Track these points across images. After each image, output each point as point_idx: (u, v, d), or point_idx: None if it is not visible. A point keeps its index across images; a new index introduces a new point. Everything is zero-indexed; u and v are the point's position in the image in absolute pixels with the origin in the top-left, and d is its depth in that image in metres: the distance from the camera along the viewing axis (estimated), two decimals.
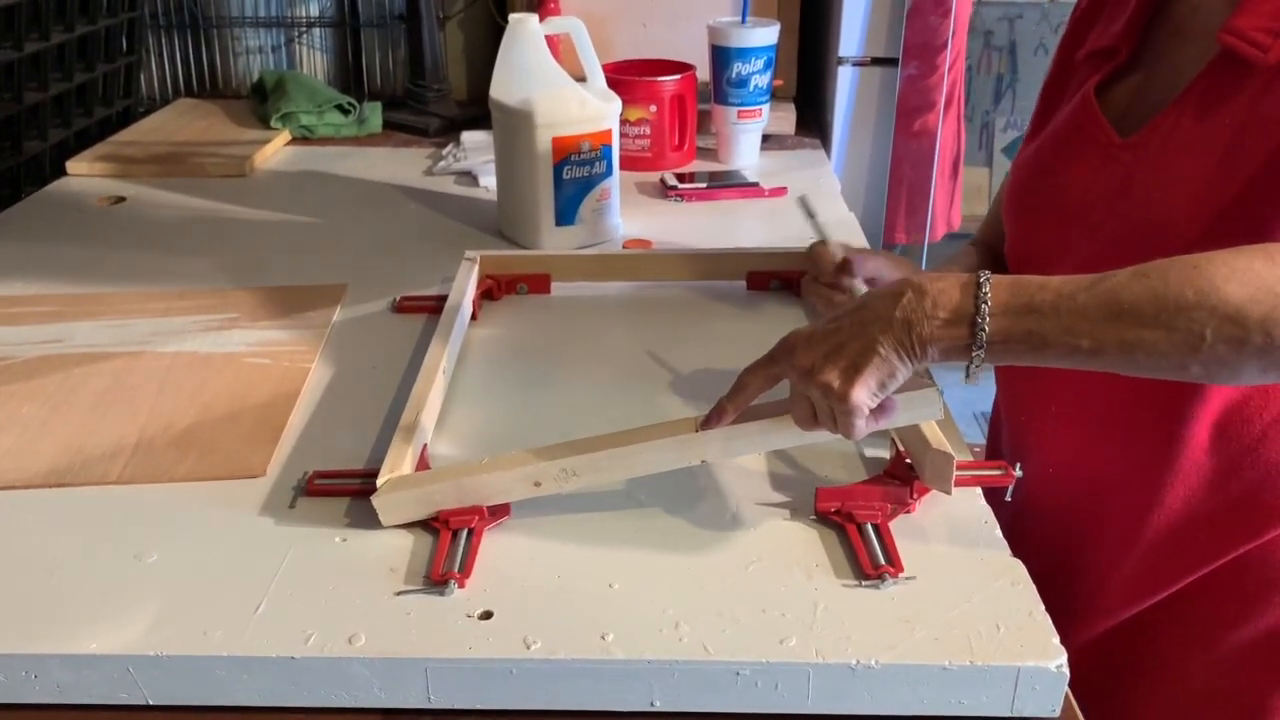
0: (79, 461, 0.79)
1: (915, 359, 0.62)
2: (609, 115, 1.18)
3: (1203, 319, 0.57)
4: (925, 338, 0.62)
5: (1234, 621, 0.79)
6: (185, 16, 1.82)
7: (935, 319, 0.61)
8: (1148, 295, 0.58)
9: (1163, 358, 0.59)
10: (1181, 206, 0.72)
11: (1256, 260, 0.58)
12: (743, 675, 0.60)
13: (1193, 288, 0.57)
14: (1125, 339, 0.59)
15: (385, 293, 1.08)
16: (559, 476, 0.70)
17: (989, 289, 0.61)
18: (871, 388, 0.63)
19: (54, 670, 0.61)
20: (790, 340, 0.66)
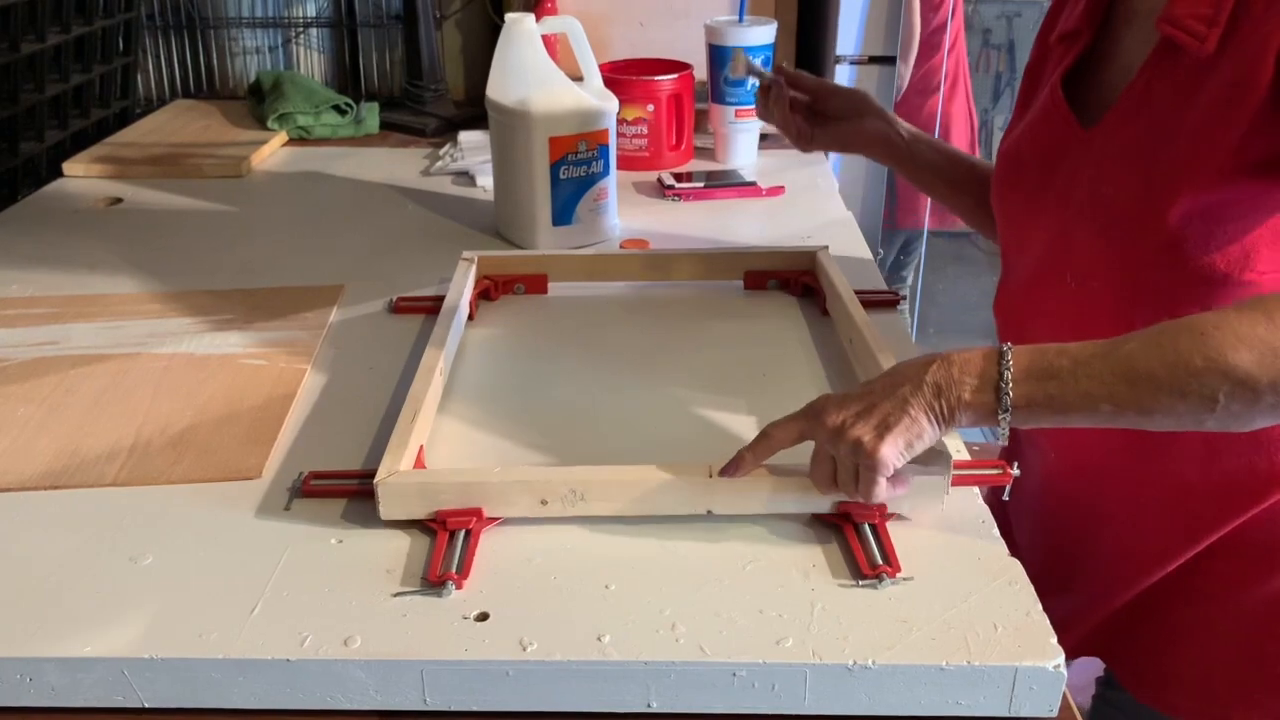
0: (75, 463, 0.79)
1: (944, 423, 0.66)
2: (606, 115, 1.18)
3: (1214, 384, 0.61)
4: (954, 403, 0.65)
5: (1249, 584, 0.81)
6: (182, 17, 1.82)
7: (964, 385, 0.65)
8: (1161, 363, 0.62)
9: (1180, 417, 0.63)
10: (1140, 193, 0.75)
11: (1260, 325, 0.61)
12: (740, 676, 0.60)
13: (1201, 355, 0.61)
14: (1143, 404, 0.63)
15: (382, 293, 1.08)
16: (567, 498, 0.70)
17: (1010, 357, 0.64)
18: (900, 447, 0.65)
19: (49, 673, 0.61)
20: (821, 401, 0.69)
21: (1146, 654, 0.87)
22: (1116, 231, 0.77)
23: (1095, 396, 0.63)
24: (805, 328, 1.00)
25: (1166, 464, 0.80)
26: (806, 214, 1.32)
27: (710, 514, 0.71)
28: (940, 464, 0.71)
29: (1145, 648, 0.87)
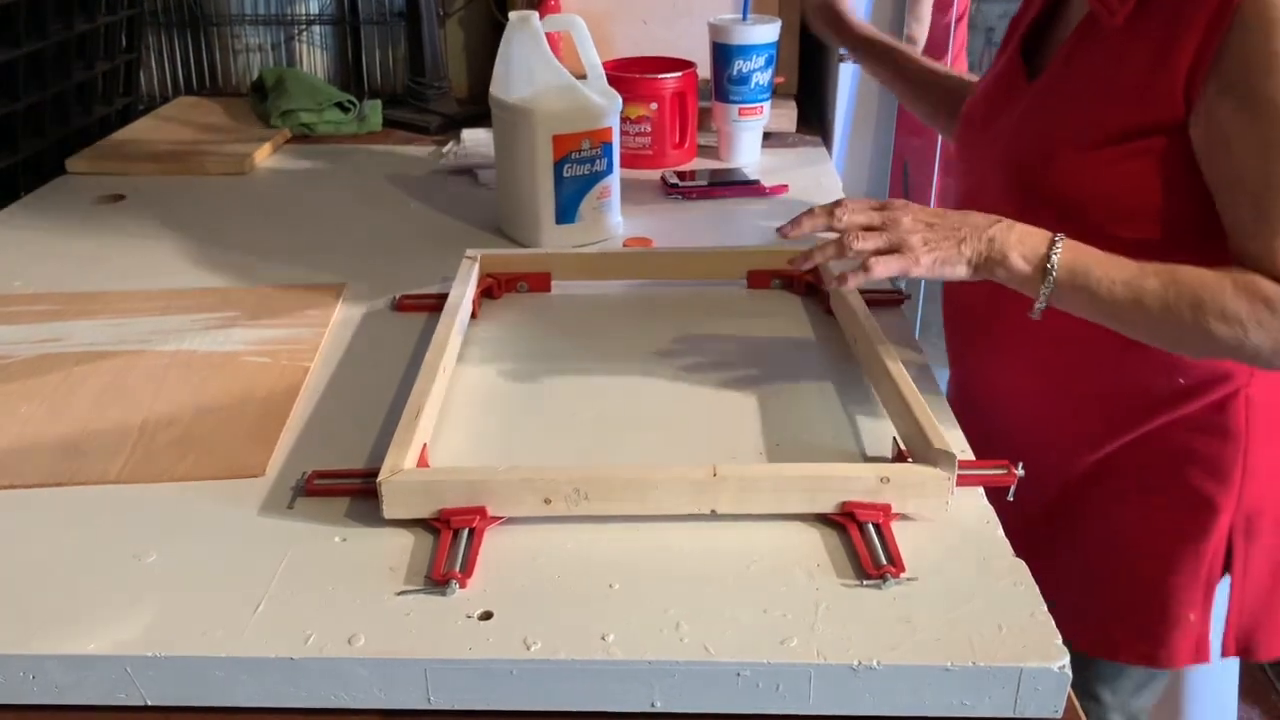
0: (78, 461, 0.79)
1: (979, 270, 0.79)
2: (609, 113, 1.18)
3: (1193, 339, 0.78)
4: (998, 259, 0.78)
5: (1147, 488, 0.93)
6: (185, 14, 1.82)
7: (1015, 250, 0.78)
8: (1160, 306, 0.77)
9: (1158, 343, 0.81)
10: (1039, 143, 0.87)
11: (1241, 302, 0.75)
12: (744, 676, 0.60)
13: (1192, 316, 0.76)
14: (1137, 329, 0.79)
15: (385, 291, 1.08)
16: (571, 497, 0.70)
17: (1060, 248, 0.78)
18: (930, 263, 0.78)
19: (52, 671, 0.61)
20: (900, 202, 0.81)
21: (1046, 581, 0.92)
22: (1014, 174, 0.89)
23: (1107, 309, 0.78)
24: (809, 327, 1.00)
25: (1076, 383, 0.93)
26: None
27: (714, 514, 0.71)
28: (945, 464, 0.71)
29: (1059, 534, 0.96)
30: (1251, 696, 1.80)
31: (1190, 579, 0.92)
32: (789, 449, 0.80)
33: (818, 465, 0.74)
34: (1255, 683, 1.83)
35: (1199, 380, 0.89)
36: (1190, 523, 0.92)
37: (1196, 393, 0.89)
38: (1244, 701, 1.73)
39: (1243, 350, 0.77)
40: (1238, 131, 0.76)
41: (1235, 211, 0.78)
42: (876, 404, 0.85)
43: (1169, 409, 0.90)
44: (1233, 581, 0.93)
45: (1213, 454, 0.90)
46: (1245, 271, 0.76)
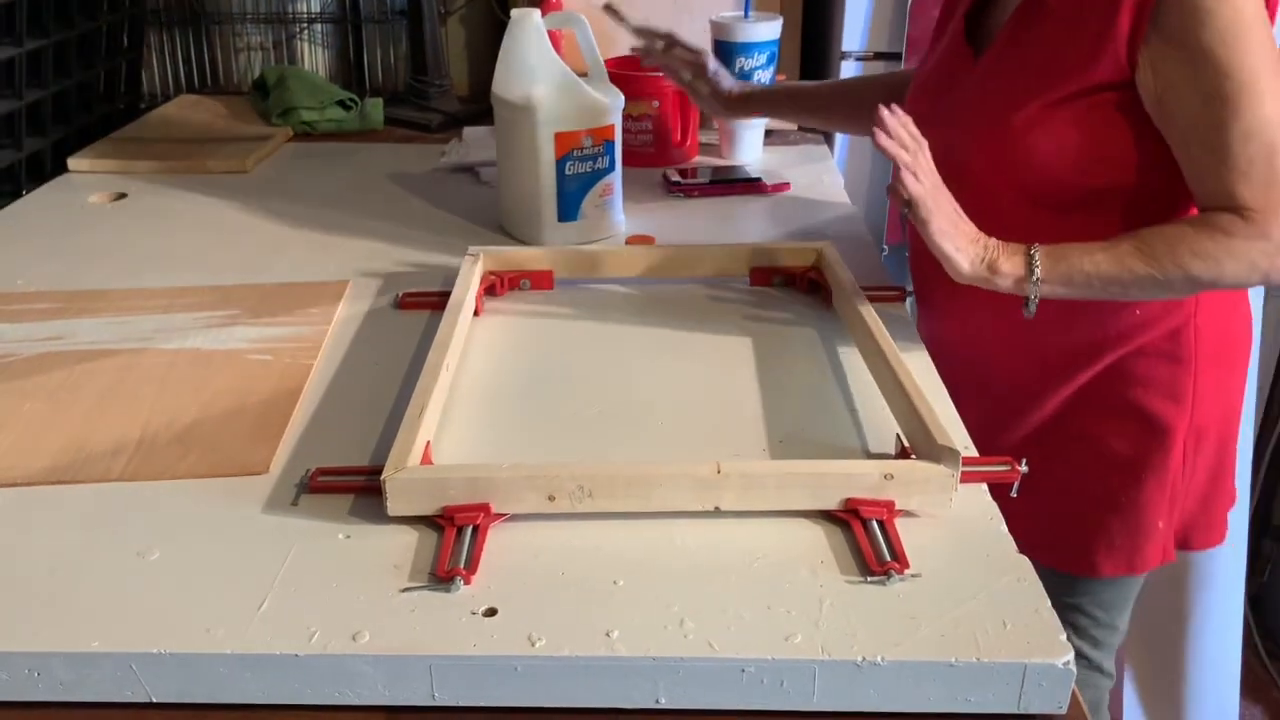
0: (81, 459, 0.79)
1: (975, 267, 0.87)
2: (611, 110, 1.18)
3: (1178, 283, 0.86)
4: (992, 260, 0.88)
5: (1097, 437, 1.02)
6: (187, 13, 1.82)
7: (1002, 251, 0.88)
8: (1144, 268, 0.85)
9: (1148, 297, 0.91)
10: (994, 108, 0.94)
11: (1207, 240, 0.84)
12: (748, 672, 0.60)
13: (1173, 263, 0.85)
14: (1130, 291, 0.87)
15: (388, 289, 1.08)
16: (574, 494, 0.70)
17: (1037, 251, 0.87)
18: (940, 225, 0.86)
19: (57, 668, 0.61)
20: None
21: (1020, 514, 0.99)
22: (972, 142, 0.95)
23: (1098, 289, 0.87)
24: (811, 323, 1.00)
25: (1031, 333, 0.96)
26: (812, 210, 1.32)
27: (718, 510, 0.71)
28: (949, 460, 0.71)
29: (1018, 507, 0.98)
30: (1254, 694, 1.80)
31: (1157, 492, 1.01)
32: (792, 446, 0.80)
33: (821, 462, 0.74)
34: (1257, 680, 1.83)
35: (1153, 312, 0.97)
36: (1155, 442, 1.00)
37: (1151, 324, 0.97)
38: (1245, 699, 1.73)
39: (1223, 281, 0.86)
40: (1182, 82, 0.83)
41: (1191, 156, 0.86)
42: (880, 400, 0.85)
43: (1128, 340, 0.98)
44: (1179, 491, 1.03)
45: (1169, 378, 0.99)
46: (1205, 212, 0.86)
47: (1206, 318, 0.98)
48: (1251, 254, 0.84)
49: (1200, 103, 0.83)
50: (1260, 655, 1.87)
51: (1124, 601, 1.11)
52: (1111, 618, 1.11)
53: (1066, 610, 1.06)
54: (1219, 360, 1.01)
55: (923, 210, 0.85)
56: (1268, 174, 0.83)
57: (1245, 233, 0.83)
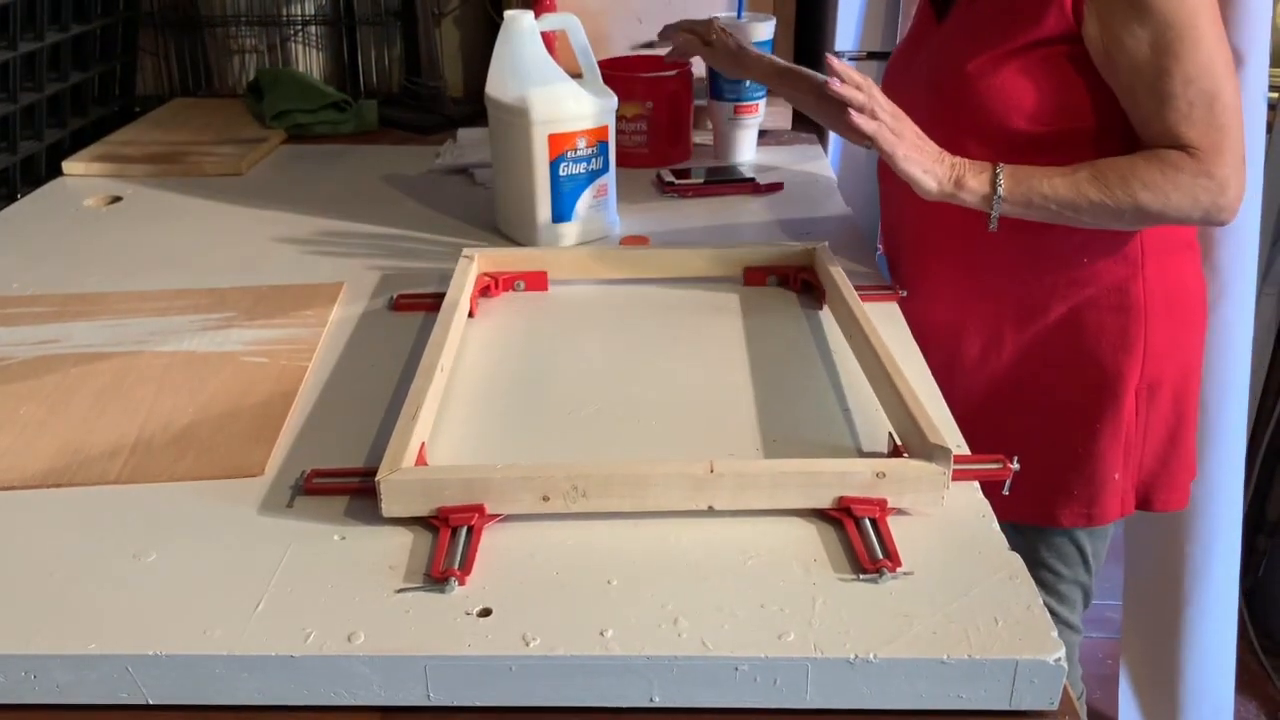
0: (77, 461, 0.79)
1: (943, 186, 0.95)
2: (605, 111, 1.18)
3: (1128, 212, 0.94)
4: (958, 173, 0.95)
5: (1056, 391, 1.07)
6: (181, 16, 1.82)
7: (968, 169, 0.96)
8: (1097, 193, 0.93)
9: (1098, 222, 0.96)
10: (953, 62, 1.01)
11: (1154, 171, 0.92)
12: (742, 670, 0.60)
13: (1124, 192, 0.92)
14: (1082, 215, 0.95)
15: (382, 290, 1.08)
16: (569, 494, 0.70)
17: (1002, 170, 0.94)
18: (910, 160, 0.93)
19: (53, 670, 0.61)
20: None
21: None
22: (936, 97, 1.01)
23: (1054, 211, 0.94)
24: (805, 323, 1.01)
25: (989, 280, 1.06)
26: (805, 210, 1.32)
27: (711, 509, 0.72)
28: (941, 459, 0.71)
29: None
30: (1249, 691, 1.81)
31: (1112, 443, 1.06)
32: (785, 445, 0.81)
33: (814, 461, 0.74)
34: (1253, 677, 1.84)
35: (1102, 264, 1.03)
36: (1107, 393, 1.05)
37: (1100, 275, 1.03)
38: (1241, 695, 1.73)
39: (1168, 213, 0.93)
40: (1127, 33, 0.91)
41: (1136, 101, 0.93)
42: (872, 399, 0.86)
43: (1077, 290, 1.04)
44: (1135, 445, 1.08)
45: (1120, 328, 1.03)
46: (1156, 149, 0.93)
47: (1154, 270, 1.03)
48: (1195, 190, 0.91)
49: (1144, 51, 0.91)
50: (1255, 651, 1.88)
51: (1092, 555, 1.15)
52: (1075, 572, 1.15)
53: (1032, 566, 1.09)
54: (1170, 315, 1.05)
55: (885, 143, 0.92)
56: (1208, 116, 0.91)
57: (1191, 169, 0.91)
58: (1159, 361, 1.05)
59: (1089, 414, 1.06)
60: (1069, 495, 1.08)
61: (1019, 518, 1.06)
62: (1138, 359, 1.04)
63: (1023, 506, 1.05)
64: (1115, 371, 1.04)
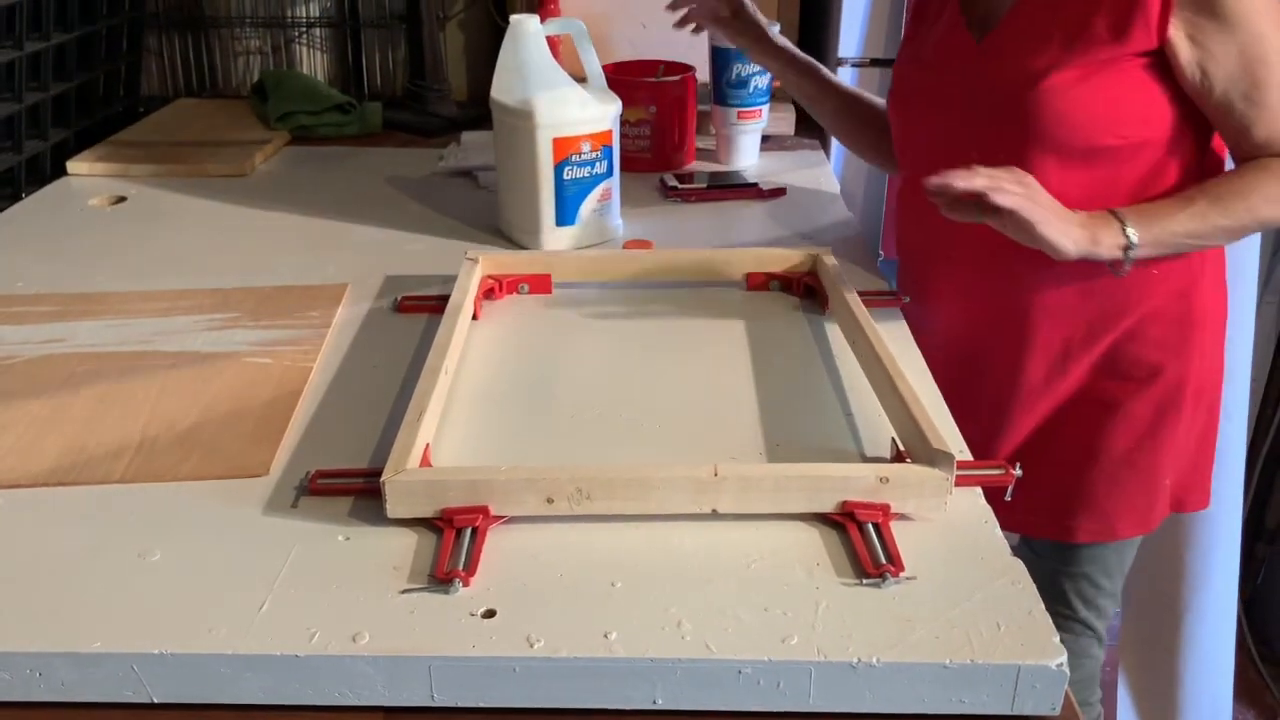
0: (81, 461, 0.79)
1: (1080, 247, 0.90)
2: (609, 116, 1.18)
3: (1252, 227, 0.94)
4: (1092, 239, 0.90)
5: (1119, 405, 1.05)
6: (186, 16, 1.82)
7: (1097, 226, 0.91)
8: (1223, 219, 0.92)
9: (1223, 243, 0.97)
10: (1021, 78, 0.96)
11: (1272, 184, 0.91)
12: (745, 674, 0.60)
13: (1248, 212, 0.92)
14: (1208, 242, 0.95)
15: (386, 292, 1.08)
16: (573, 496, 0.71)
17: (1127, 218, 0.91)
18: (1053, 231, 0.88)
19: (58, 668, 0.61)
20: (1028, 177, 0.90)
21: (1045, 496, 1.05)
22: (1000, 117, 0.98)
23: (1184, 245, 0.93)
24: (807, 328, 1.01)
25: (1059, 299, 1.02)
26: (808, 215, 1.33)
27: (715, 513, 0.72)
28: (944, 464, 0.72)
29: (1043, 488, 1.04)
30: (1247, 698, 1.81)
31: (1169, 449, 1.06)
32: (789, 449, 0.81)
33: (817, 465, 0.75)
34: (1251, 684, 1.84)
35: (1169, 272, 1.01)
36: (1169, 401, 1.04)
37: (1166, 286, 1.02)
38: (1239, 703, 1.73)
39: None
40: (1219, 48, 0.90)
41: (1231, 114, 0.92)
42: (875, 404, 0.86)
43: (1145, 302, 1.02)
44: (1183, 449, 1.08)
45: (1181, 338, 1.04)
46: (1260, 160, 0.92)
47: (1210, 276, 1.04)
48: None
49: (1236, 64, 0.90)
50: (1254, 659, 1.88)
51: (1126, 565, 1.15)
52: (1115, 583, 1.15)
53: (1075, 581, 1.11)
54: (1213, 320, 1.06)
55: (1027, 213, 0.87)
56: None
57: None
58: (1202, 365, 1.06)
59: (1151, 423, 1.05)
60: (1129, 505, 1.07)
61: (1070, 536, 1.07)
62: (1194, 366, 1.04)
63: (1078, 521, 1.07)
64: (1177, 380, 1.04)
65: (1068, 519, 1.07)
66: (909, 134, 1.12)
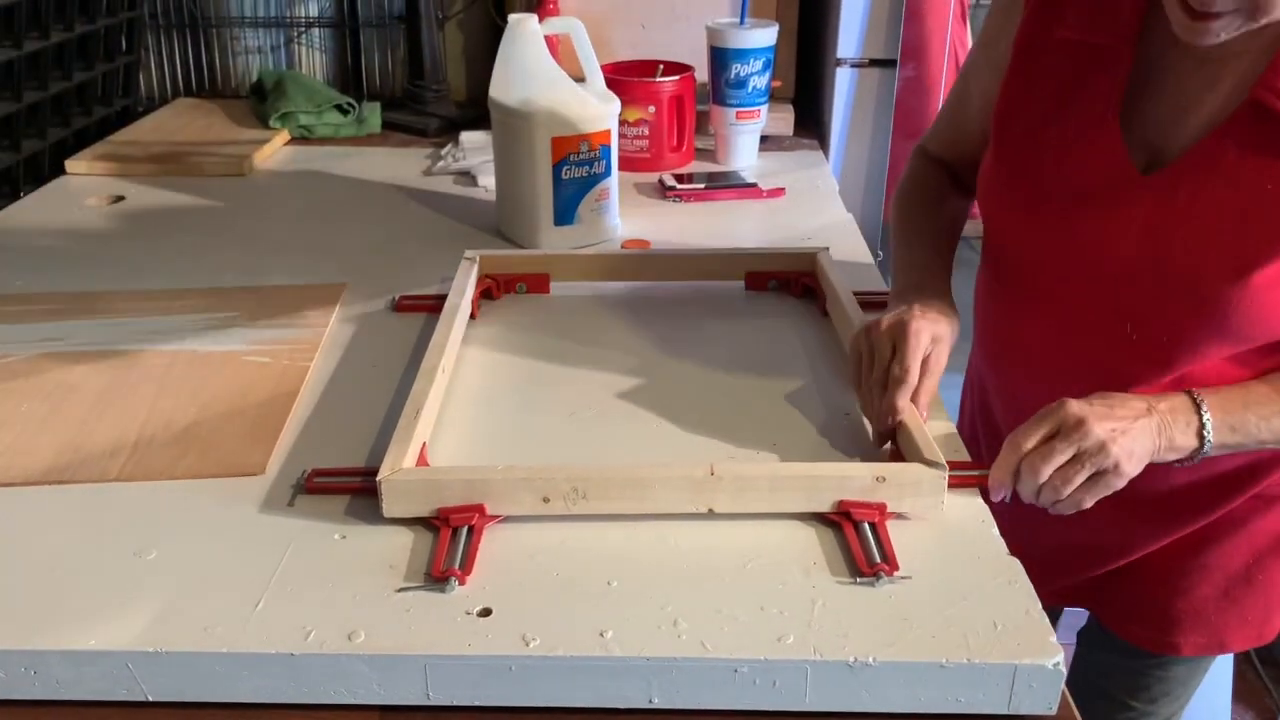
0: (79, 459, 0.79)
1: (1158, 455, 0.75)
2: (608, 115, 1.18)
3: None
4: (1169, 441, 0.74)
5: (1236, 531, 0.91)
6: (185, 16, 1.82)
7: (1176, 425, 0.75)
8: None
9: None
10: (1212, 258, 0.76)
11: None
12: (741, 673, 0.60)
13: None
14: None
15: (384, 292, 1.08)
16: (569, 496, 0.71)
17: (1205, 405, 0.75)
18: (1135, 467, 0.73)
19: (54, 666, 0.61)
20: (1073, 414, 0.72)
21: (1140, 602, 0.95)
22: (1174, 278, 0.78)
23: (1268, 440, 0.77)
24: (805, 328, 1.01)
25: (1160, 471, 0.80)
26: (807, 215, 1.33)
27: (711, 512, 0.72)
28: (939, 464, 0.71)
29: (1138, 597, 0.94)
30: (1245, 700, 1.80)
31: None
32: (786, 448, 0.81)
33: (814, 464, 0.75)
34: (1249, 686, 1.84)
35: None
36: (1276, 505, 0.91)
37: None
38: (1238, 705, 1.73)
39: None
40: None
41: None
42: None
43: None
44: None
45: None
46: None
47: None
48: None
49: None
50: (1253, 661, 1.88)
51: (1196, 684, 1.04)
52: (1179, 704, 1.04)
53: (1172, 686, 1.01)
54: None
55: (1112, 488, 0.72)
56: None
57: None
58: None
59: (1275, 536, 0.92)
60: (1241, 620, 0.94)
61: (1184, 649, 0.95)
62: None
63: (1186, 636, 0.95)
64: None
65: (1172, 634, 0.95)
66: (1019, 247, 0.89)
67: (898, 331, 0.80)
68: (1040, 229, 0.86)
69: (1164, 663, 0.99)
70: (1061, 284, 0.85)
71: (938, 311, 0.83)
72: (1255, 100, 0.74)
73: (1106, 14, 0.81)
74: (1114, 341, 0.83)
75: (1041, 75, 0.85)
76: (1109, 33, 0.81)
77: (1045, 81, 0.85)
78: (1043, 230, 0.85)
